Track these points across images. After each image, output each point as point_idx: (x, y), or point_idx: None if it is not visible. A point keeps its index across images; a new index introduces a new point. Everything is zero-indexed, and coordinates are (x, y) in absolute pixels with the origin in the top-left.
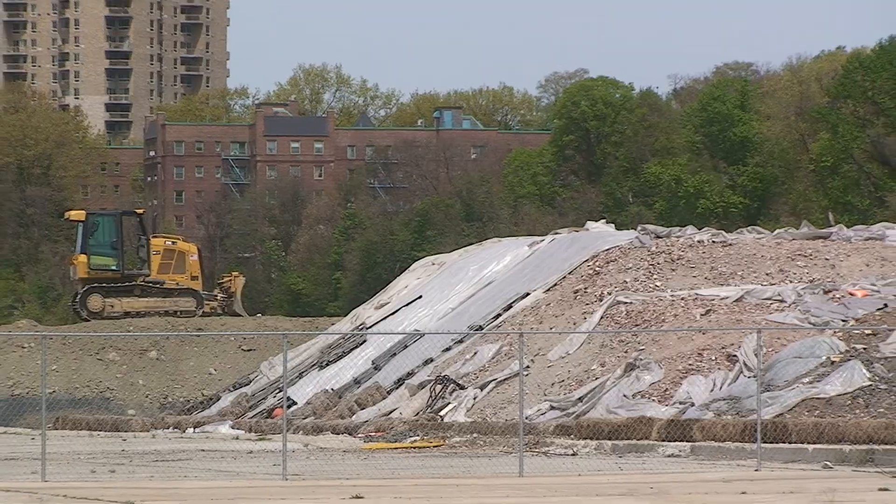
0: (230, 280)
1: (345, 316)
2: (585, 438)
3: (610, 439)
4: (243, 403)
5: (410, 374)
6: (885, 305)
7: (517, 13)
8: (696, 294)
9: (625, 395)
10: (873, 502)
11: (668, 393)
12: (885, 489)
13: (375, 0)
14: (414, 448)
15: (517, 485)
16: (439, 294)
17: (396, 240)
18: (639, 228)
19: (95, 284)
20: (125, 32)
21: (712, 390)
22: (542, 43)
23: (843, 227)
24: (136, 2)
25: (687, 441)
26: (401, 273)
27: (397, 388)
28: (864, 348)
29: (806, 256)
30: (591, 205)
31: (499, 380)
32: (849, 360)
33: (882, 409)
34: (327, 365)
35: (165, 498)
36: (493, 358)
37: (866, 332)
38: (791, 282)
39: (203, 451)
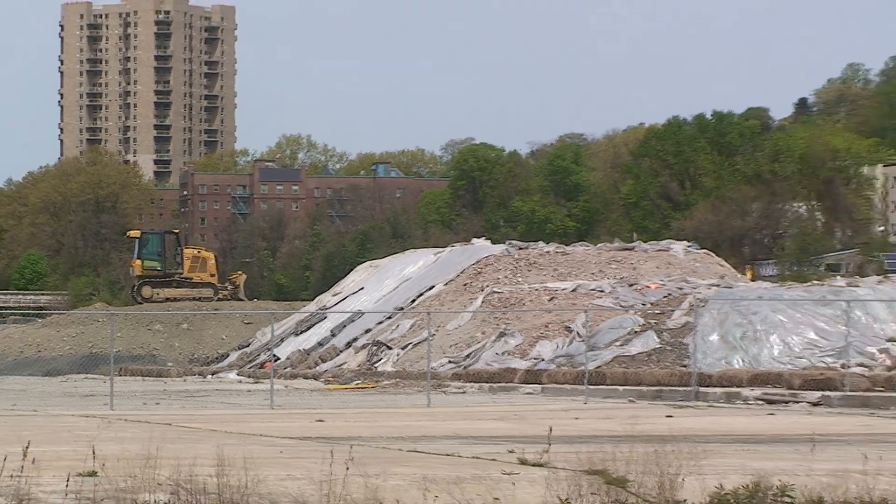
0: (236, 277)
1: (312, 301)
2: (471, 382)
3: (487, 382)
4: (244, 358)
5: (355, 339)
6: (670, 294)
7: (427, 99)
8: (545, 286)
9: (497, 353)
10: (662, 423)
11: (526, 352)
12: (669, 416)
13: (333, 90)
14: (358, 388)
15: (426, 412)
16: (375, 286)
17: (347, 250)
18: (507, 243)
19: (146, 279)
20: (167, 112)
21: (555, 350)
22: (444, 119)
23: (642, 242)
24: (175, 93)
25: (538, 384)
26: (349, 272)
27: (347, 348)
28: (656, 322)
29: (617, 262)
30: (476, 227)
31: (414, 343)
32: (646, 330)
33: (667, 363)
34: (300, 333)
35: (192, 421)
36: (410, 329)
37: (657, 312)
38: (608, 278)
39: (217, 390)
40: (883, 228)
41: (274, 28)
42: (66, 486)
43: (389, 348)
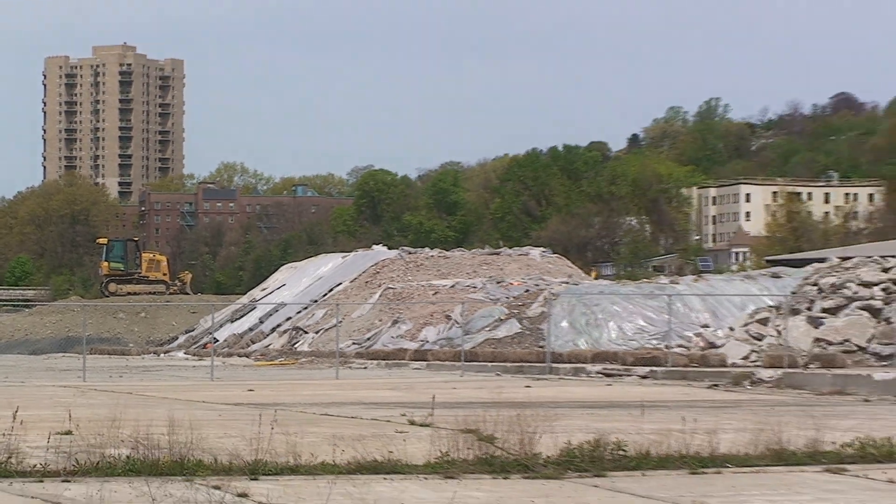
0: (184, 276)
1: (244, 295)
2: (371, 359)
3: (384, 360)
4: (190, 341)
5: (279, 325)
6: (529, 290)
7: (336, 134)
8: (430, 283)
9: (392, 337)
10: (522, 392)
11: (414, 335)
12: (529, 386)
13: (262, 126)
14: (281, 364)
15: (335, 383)
16: (294, 283)
17: (272, 254)
18: (400, 249)
19: (112, 277)
20: (129, 144)
21: (438, 334)
22: (350, 149)
23: (507, 248)
24: (135, 129)
25: (424, 361)
26: (274, 272)
27: (272, 332)
28: (518, 312)
29: (488, 264)
30: (375, 236)
31: (325, 328)
32: (510, 318)
33: (527, 345)
34: (235, 320)
35: (149, 390)
36: (322, 317)
37: (519, 304)
38: (480, 277)
39: (169, 366)
40: (697, 238)
41: (214, 77)
42: (48, 442)
43: (306, 332)
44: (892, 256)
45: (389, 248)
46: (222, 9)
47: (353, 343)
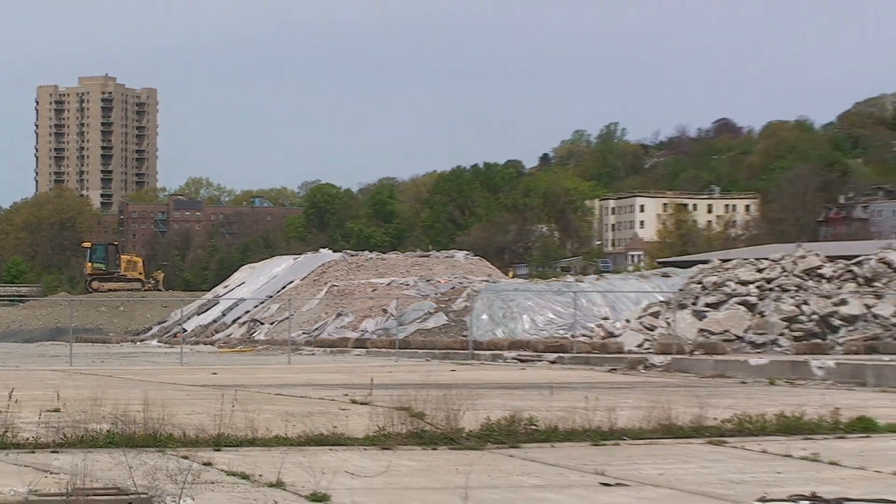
0: (157, 275)
1: (209, 291)
2: (318, 347)
3: (329, 348)
4: (163, 331)
5: (239, 318)
6: (454, 287)
7: (288, 151)
8: (369, 282)
9: (336, 327)
10: (448, 375)
11: (356, 326)
12: (454, 370)
13: (223, 145)
14: (241, 351)
15: (287, 367)
16: (252, 281)
17: (233, 256)
18: (343, 252)
19: (95, 276)
20: (110, 162)
21: (376, 325)
22: (300, 165)
23: (436, 251)
24: (115, 148)
25: (364, 348)
26: (235, 271)
27: (233, 324)
28: (445, 306)
29: (419, 265)
30: (322, 241)
31: (279, 320)
32: (438, 311)
33: (453, 334)
34: (201, 313)
35: (127, 374)
36: (276, 310)
37: (446, 299)
38: (412, 276)
39: (144, 352)
40: (599, 242)
41: (184, 102)
42: (39, 418)
43: (262, 324)
44: (766, 259)
45: (334, 252)
46: (191, 43)
47: (303, 333)
